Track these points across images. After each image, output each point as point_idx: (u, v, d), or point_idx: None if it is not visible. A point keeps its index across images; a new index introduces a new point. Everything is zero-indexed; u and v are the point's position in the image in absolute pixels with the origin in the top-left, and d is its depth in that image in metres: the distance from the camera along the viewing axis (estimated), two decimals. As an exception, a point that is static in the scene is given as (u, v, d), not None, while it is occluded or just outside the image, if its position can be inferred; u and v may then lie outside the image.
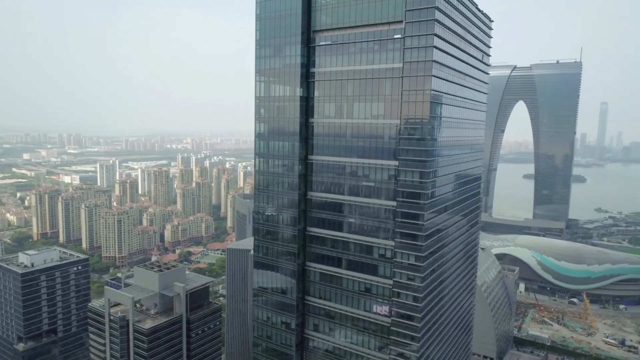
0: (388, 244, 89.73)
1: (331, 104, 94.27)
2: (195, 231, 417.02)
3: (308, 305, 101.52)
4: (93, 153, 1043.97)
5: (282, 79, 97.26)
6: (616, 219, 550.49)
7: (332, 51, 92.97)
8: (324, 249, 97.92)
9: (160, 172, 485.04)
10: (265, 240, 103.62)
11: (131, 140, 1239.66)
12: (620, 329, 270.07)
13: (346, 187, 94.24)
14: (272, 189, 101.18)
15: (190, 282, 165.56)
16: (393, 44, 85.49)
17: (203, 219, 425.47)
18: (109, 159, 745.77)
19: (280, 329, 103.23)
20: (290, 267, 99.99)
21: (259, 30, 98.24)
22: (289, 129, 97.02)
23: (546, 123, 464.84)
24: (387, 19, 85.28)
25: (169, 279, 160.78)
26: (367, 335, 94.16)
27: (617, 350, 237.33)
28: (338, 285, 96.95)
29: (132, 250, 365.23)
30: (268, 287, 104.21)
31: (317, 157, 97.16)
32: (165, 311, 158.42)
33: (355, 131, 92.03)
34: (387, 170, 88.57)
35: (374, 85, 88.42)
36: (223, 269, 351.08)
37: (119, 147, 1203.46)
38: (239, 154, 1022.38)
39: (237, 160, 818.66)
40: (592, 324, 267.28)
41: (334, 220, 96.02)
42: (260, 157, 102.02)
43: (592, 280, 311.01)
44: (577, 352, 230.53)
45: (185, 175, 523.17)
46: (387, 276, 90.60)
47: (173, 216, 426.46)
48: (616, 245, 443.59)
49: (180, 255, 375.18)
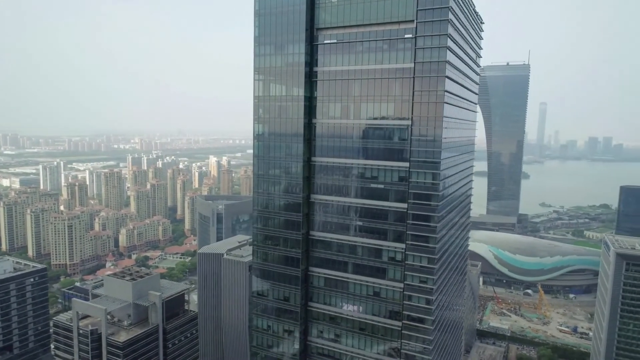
0: (398, 246, 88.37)
1: (336, 104, 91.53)
2: (151, 235, 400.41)
3: (311, 312, 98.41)
4: (33, 154, 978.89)
5: (284, 78, 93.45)
6: (559, 212, 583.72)
7: (337, 50, 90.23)
8: (329, 253, 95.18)
9: (112, 174, 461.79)
10: (264, 245, 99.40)
11: (75, 140, 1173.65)
12: (571, 317, 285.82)
13: (352, 189, 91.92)
14: (273, 192, 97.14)
15: (164, 289, 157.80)
16: (404, 43, 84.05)
17: (160, 222, 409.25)
18: (51, 160, 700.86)
19: (282, 338, 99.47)
20: (293, 272, 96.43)
21: (257, 27, 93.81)
22: (292, 130, 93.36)
23: (498, 123, 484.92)
24: (397, 18, 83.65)
25: (143, 287, 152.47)
26: (376, 339, 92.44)
27: (571, 337, 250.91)
28: (344, 290, 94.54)
29: (84, 257, 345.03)
30: (268, 295, 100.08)
31: (320, 158, 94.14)
32: (140, 322, 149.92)
33: (362, 132, 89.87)
34: (397, 172, 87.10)
35: (383, 85, 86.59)
36: (184, 273, 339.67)
37: (62, 147, 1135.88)
38: (191, 154, 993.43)
39: (190, 161, 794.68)
40: (546, 313, 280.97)
41: (340, 223, 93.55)
42: (260, 159, 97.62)
43: (544, 272, 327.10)
44: (535, 341, 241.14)
45: (139, 176, 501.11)
46: (397, 279, 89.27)
47: (127, 220, 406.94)
48: (561, 237, 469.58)
49: (137, 260, 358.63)
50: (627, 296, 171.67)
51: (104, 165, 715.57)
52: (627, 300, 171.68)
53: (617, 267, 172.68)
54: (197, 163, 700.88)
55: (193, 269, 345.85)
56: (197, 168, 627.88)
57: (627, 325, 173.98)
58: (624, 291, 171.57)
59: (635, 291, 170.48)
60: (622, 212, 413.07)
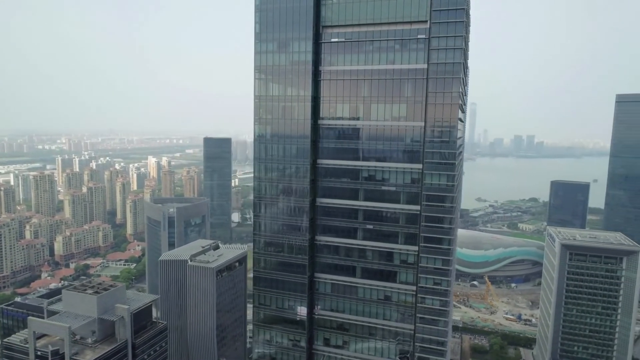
0: (411, 249, 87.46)
1: (344, 105, 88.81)
2: (91, 241, 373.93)
3: (317, 320, 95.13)
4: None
5: (288, 77, 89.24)
6: (495, 207, 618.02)
7: (344, 49, 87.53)
8: (336, 258, 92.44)
9: (43, 177, 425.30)
10: (266, 252, 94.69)
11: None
12: (515, 305, 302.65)
13: (361, 192, 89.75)
14: (275, 196, 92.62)
15: (130, 301, 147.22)
16: (416, 44, 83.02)
17: (100, 228, 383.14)
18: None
19: (287, 348, 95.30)
20: (299, 279, 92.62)
21: (258, 23, 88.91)
22: (297, 131, 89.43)
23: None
24: (410, 18, 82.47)
25: (109, 301, 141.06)
26: (387, 344, 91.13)
27: (516, 325, 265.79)
28: (353, 296, 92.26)
29: (15, 268, 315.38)
30: (271, 304, 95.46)
31: (327, 161, 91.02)
32: (106, 338, 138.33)
33: (373, 134, 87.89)
34: (410, 173, 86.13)
35: (395, 86, 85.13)
36: (129, 281, 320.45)
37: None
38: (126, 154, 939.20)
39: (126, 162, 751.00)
40: (493, 303, 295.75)
41: (348, 227, 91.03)
42: (261, 162, 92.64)
43: (489, 264, 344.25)
44: (485, 330, 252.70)
45: (73, 179, 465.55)
46: (409, 282, 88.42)
47: (63, 226, 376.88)
48: (497, 230, 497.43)
49: (77, 269, 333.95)
50: (570, 284, 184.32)
51: (29, 167, 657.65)
52: (571, 287, 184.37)
53: (562, 257, 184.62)
54: (134, 164, 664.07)
55: (140, 276, 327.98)
56: (135, 169, 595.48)
57: (571, 311, 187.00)
58: (568, 279, 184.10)
59: (578, 279, 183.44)
60: (552, 204, 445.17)
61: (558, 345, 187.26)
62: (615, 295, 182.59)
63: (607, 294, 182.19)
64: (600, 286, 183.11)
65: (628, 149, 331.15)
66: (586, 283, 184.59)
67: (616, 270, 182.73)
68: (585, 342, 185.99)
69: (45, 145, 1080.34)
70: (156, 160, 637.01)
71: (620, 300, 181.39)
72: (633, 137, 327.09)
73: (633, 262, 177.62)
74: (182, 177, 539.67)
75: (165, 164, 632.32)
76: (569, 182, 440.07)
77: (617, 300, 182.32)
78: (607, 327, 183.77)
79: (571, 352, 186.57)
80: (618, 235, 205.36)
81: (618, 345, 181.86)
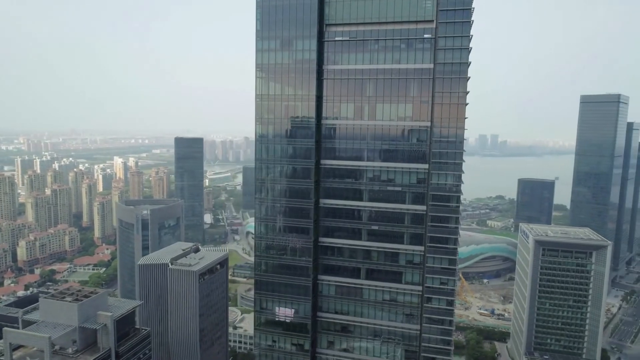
0: (417, 249, 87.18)
1: (348, 104, 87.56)
2: (57, 246, 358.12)
3: (321, 322, 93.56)
4: None
5: (291, 76, 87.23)
6: (464, 204, 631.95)
7: (349, 48, 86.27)
8: (340, 260, 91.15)
9: (2, 179, 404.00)
10: (268, 255, 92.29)
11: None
12: (487, 300, 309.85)
13: (366, 192, 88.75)
14: (278, 198, 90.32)
15: (112, 308, 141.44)
16: (422, 43, 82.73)
17: (66, 232, 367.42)
18: None
19: (290, 352, 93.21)
20: (302, 282, 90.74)
21: (259, 20, 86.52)
22: (301, 131, 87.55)
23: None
24: (415, 17, 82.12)
25: (90, 308, 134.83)
26: (392, 345, 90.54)
27: (490, 319, 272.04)
28: (357, 297, 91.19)
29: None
30: (273, 308, 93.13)
31: (330, 161, 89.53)
32: (88, 347, 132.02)
33: (378, 133, 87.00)
34: (416, 173, 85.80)
35: (400, 85, 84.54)
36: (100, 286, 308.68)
37: None
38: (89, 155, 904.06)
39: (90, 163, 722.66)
40: (466, 299, 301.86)
41: (352, 228, 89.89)
42: (262, 162, 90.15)
43: (462, 261, 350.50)
44: (461, 326, 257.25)
45: (36, 181, 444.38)
46: (415, 282, 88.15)
47: (26, 230, 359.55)
48: (467, 227, 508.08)
49: (42, 275, 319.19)
50: (543, 278, 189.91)
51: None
52: (544, 282, 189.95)
53: (535, 252, 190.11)
54: (99, 165, 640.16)
55: (110, 281, 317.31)
56: (101, 170, 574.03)
57: (544, 304, 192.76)
58: (541, 274, 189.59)
59: (550, 273, 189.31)
60: (519, 202, 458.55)
61: (532, 338, 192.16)
62: (586, 288, 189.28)
63: (577, 288, 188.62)
64: (572, 280, 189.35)
65: (593, 148, 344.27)
66: (558, 277, 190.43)
67: (586, 264, 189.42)
68: (557, 334, 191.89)
69: (1, 146, 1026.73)
70: (122, 160, 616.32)
71: (590, 293, 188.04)
72: (597, 136, 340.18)
73: (602, 256, 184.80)
74: (151, 178, 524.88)
75: (132, 165, 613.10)
76: (536, 180, 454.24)
77: (587, 293, 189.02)
78: (578, 319, 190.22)
79: (545, 344, 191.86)
80: (587, 230, 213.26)
81: (588, 336, 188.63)
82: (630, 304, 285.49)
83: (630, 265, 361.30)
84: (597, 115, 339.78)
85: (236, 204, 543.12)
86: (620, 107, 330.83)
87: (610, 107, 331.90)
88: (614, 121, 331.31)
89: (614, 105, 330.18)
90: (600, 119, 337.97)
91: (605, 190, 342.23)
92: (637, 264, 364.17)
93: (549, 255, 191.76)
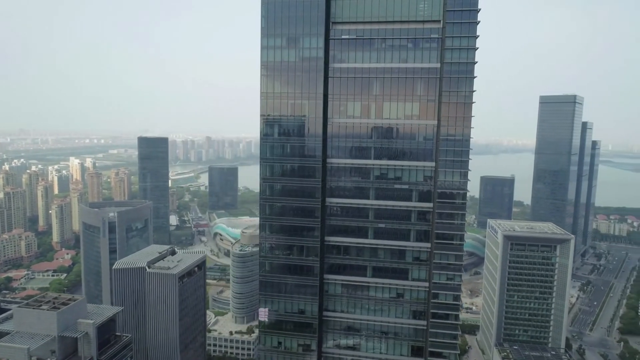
0: (423, 246, 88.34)
1: (355, 102, 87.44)
2: (12, 252, 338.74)
3: (327, 321, 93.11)
4: None
5: (298, 74, 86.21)
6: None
7: (355, 46, 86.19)
8: (347, 259, 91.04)
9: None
10: (274, 255, 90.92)
11: None
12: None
13: (372, 190, 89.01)
14: (283, 197, 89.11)
15: (91, 315, 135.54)
16: (429, 43, 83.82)
17: (22, 236, 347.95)
18: None
19: (296, 353, 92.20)
20: (309, 282, 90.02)
21: (265, 17, 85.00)
22: (308, 130, 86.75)
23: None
24: (422, 17, 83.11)
25: (69, 316, 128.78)
26: (399, 341, 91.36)
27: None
28: (364, 295, 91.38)
29: None
30: (279, 309, 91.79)
31: (337, 160, 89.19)
32: (68, 357, 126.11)
33: (385, 132, 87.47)
34: (422, 171, 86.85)
35: (407, 84, 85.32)
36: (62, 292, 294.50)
37: None
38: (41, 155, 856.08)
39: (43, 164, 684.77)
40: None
41: (359, 226, 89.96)
42: (267, 161, 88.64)
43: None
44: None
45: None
46: (422, 279, 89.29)
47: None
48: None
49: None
50: (512, 272, 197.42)
51: None
52: (512, 275, 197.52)
53: (504, 247, 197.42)
54: (53, 166, 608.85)
55: (73, 287, 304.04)
56: (56, 172, 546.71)
57: (513, 297, 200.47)
58: (510, 268, 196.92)
59: (518, 267, 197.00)
60: (482, 198, 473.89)
61: (502, 330, 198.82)
62: (551, 280, 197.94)
63: (543, 280, 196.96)
64: (538, 273, 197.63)
65: (551, 146, 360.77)
66: (525, 271, 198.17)
67: (551, 257, 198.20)
68: (525, 325, 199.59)
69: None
70: (79, 161, 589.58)
71: (555, 285, 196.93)
72: (555, 135, 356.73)
73: (565, 249, 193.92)
74: (111, 179, 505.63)
75: (90, 166, 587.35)
76: (497, 178, 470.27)
77: (552, 284, 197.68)
78: (544, 310, 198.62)
79: (513, 335, 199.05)
80: (550, 225, 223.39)
81: (553, 325, 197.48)
82: (587, 294, 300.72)
83: (585, 257, 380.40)
84: (555, 115, 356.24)
85: (201, 204, 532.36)
86: (576, 107, 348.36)
87: (567, 107, 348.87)
88: (571, 121, 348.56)
89: (571, 106, 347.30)
90: (558, 118, 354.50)
91: (563, 186, 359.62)
92: (590, 256, 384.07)
93: (516, 249, 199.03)
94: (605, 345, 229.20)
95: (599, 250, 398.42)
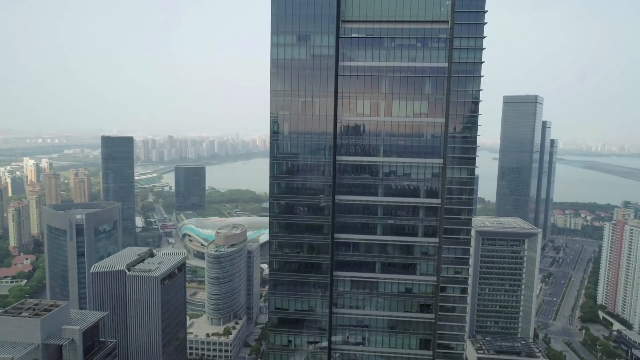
0: (432, 241, 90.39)
1: (365, 101, 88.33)
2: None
3: (336, 318, 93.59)
4: None
5: (308, 72, 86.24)
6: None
7: (365, 44, 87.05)
8: (356, 255, 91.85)
9: None
10: (283, 254, 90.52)
11: None
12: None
13: (381, 187, 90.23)
14: (294, 195, 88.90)
15: (75, 321, 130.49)
16: (437, 42, 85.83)
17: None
18: None
19: (305, 351, 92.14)
20: (320, 279, 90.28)
21: (274, 14, 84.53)
22: (318, 128, 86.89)
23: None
24: (431, 17, 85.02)
25: (53, 323, 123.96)
26: (408, 335, 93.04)
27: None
28: (373, 291, 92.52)
29: None
30: (289, 307, 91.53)
31: (347, 157, 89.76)
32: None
33: (394, 130, 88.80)
34: (431, 168, 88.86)
35: (416, 83, 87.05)
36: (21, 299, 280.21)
37: None
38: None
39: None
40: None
41: (368, 223, 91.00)
42: (277, 159, 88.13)
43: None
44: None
45: None
46: (430, 273, 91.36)
47: None
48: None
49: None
50: (483, 266, 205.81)
51: None
52: (484, 269, 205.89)
53: (477, 242, 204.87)
54: (5, 167, 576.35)
55: (35, 293, 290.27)
56: (9, 173, 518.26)
57: (484, 290, 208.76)
58: (481, 262, 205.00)
59: (489, 261, 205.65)
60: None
61: (474, 323, 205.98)
62: (519, 273, 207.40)
63: (512, 273, 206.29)
64: (507, 266, 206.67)
65: (514, 145, 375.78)
66: (496, 264, 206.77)
67: (519, 251, 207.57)
68: (496, 317, 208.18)
69: None
70: (34, 162, 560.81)
71: (524, 277, 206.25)
72: (518, 134, 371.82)
73: (533, 243, 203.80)
74: (70, 180, 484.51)
75: (46, 166, 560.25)
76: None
77: (520, 277, 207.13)
78: (513, 302, 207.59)
79: (485, 327, 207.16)
80: (517, 220, 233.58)
81: (522, 316, 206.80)
82: (549, 286, 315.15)
83: (544, 250, 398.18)
84: (517, 115, 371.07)
85: (166, 205, 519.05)
86: (537, 107, 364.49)
87: (529, 107, 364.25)
88: (532, 120, 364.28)
89: (532, 106, 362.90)
90: (521, 118, 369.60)
91: (525, 183, 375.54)
92: (549, 249, 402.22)
93: (487, 244, 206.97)
94: (568, 333, 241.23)
95: (557, 243, 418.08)
